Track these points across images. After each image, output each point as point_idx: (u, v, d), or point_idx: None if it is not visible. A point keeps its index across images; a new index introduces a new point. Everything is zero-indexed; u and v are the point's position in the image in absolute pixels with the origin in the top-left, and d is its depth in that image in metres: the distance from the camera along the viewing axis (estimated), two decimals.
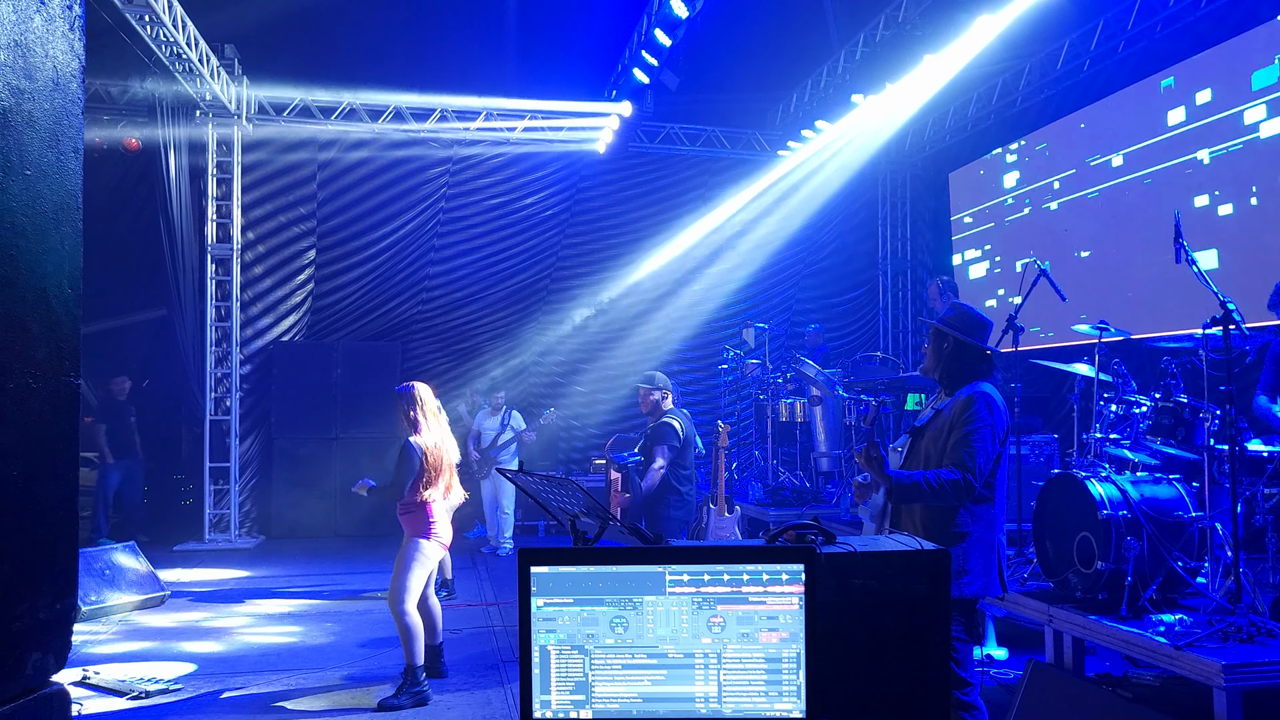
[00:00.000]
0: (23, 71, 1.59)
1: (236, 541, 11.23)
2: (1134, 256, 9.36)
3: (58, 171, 1.69)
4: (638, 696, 1.93)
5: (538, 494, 3.43)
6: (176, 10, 9.24)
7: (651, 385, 6.57)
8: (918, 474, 3.61)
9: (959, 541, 3.61)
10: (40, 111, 1.64)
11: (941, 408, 3.87)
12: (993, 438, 3.65)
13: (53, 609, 1.68)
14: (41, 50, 1.64)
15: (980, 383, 3.83)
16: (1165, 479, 5.13)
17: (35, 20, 1.62)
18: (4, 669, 1.55)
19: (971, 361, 3.90)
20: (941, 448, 3.72)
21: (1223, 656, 4.00)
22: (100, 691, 5.71)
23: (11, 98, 1.56)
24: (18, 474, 1.57)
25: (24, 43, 1.59)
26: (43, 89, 1.65)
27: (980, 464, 3.58)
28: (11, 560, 1.56)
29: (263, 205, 11.84)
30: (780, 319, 13.40)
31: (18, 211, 1.57)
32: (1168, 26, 9.12)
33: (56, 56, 1.69)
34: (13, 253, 1.56)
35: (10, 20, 1.55)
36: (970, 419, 3.66)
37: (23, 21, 1.59)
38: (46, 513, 1.66)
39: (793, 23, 11.88)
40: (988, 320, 3.99)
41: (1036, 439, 7.60)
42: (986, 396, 3.73)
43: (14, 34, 1.57)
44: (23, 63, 1.59)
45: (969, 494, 3.59)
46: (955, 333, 3.91)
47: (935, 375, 4.03)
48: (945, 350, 3.95)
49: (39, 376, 1.63)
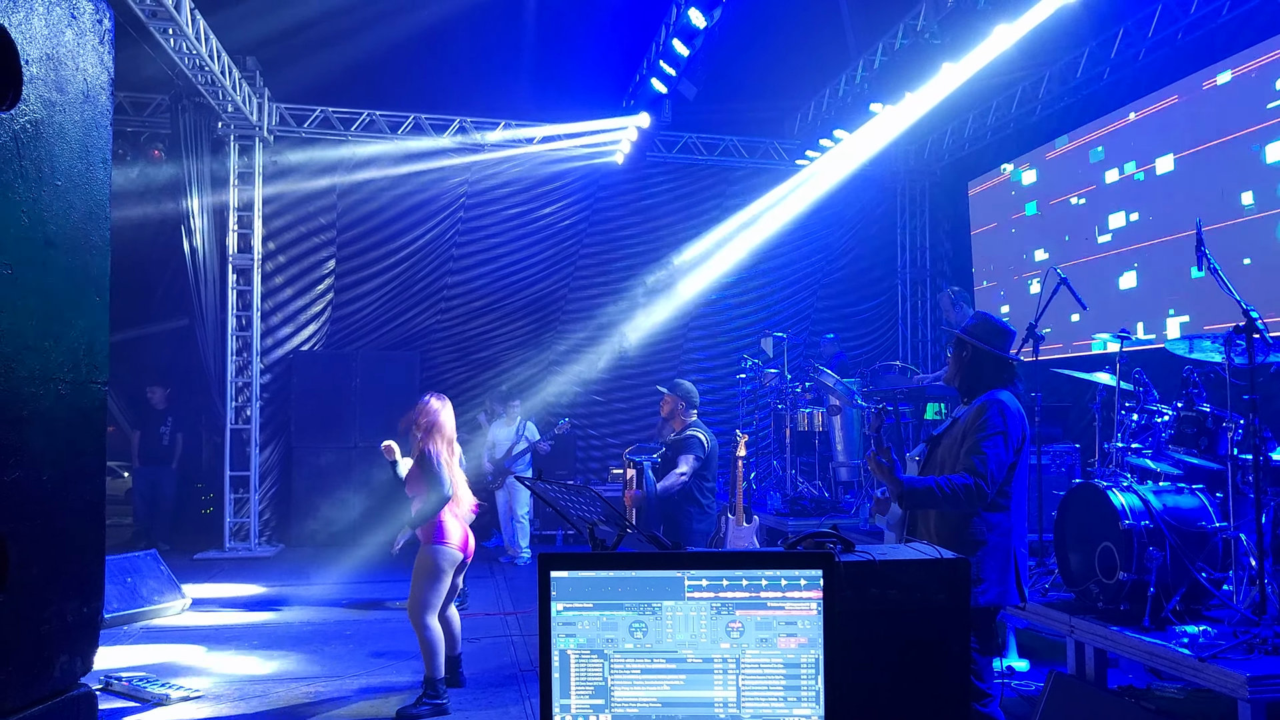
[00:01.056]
0: (54, 84, 1.62)
1: (256, 550, 11.29)
2: (1165, 262, 9.31)
3: (87, 182, 1.72)
4: (657, 701, 1.93)
5: (556, 502, 3.44)
6: (200, 23, 9.35)
7: (676, 393, 6.46)
8: (929, 479, 3.60)
9: (974, 550, 3.59)
10: (71, 123, 1.67)
11: (958, 415, 3.87)
12: (1005, 444, 3.62)
13: (80, 612, 1.70)
14: (73, 64, 1.67)
15: (998, 390, 3.81)
16: (1188, 489, 5.09)
17: (67, 35, 1.65)
18: (33, 671, 1.57)
19: (991, 370, 3.89)
20: (956, 454, 3.71)
21: (1248, 668, 3.96)
22: (121, 698, 5.76)
23: (44, 110, 1.59)
24: (47, 479, 1.60)
25: (56, 56, 1.62)
26: (73, 101, 1.68)
27: (992, 469, 3.56)
28: (40, 564, 1.58)
29: (283, 215, 11.94)
30: (799, 328, 13.38)
31: (49, 221, 1.60)
32: (1189, 34, 9.08)
33: (87, 70, 1.72)
34: (44, 261, 1.59)
35: (43, 35, 1.58)
36: (983, 425, 3.65)
37: (55, 36, 1.62)
38: (75, 518, 1.68)
39: (811, 32, 11.88)
40: (1009, 329, 3.97)
41: (1057, 448, 7.55)
42: (1000, 403, 3.71)
43: (46, 48, 1.60)
44: (55, 76, 1.62)
45: (981, 500, 3.57)
46: (974, 341, 3.91)
47: (955, 384, 4.03)
48: (965, 359, 3.95)
49: (68, 383, 1.66)
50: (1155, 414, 5.62)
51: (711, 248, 13.14)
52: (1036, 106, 11.36)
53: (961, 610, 2.58)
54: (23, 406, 1.57)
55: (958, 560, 2.61)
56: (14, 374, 1.54)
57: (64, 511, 1.69)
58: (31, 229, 1.58)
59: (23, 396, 1.57)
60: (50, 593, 1.66)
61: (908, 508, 3.71)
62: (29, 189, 1.58)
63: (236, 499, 11.52)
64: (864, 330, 14.22)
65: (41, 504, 1.63)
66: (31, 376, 1.59)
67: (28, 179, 1.58)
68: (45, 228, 1.62)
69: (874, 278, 14.37)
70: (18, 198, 1.55)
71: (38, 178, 1.59)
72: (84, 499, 1.75)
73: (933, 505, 3.62)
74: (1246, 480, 4.87)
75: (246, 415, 11.64)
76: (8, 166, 1.52)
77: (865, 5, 11.43)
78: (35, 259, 1.60)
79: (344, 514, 11.61)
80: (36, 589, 1.62)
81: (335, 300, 12.25)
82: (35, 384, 1.60)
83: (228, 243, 11.57)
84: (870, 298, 14.32)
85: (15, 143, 1.54)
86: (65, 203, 1.69)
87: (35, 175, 1.59)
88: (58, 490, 1.67)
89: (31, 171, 1.58)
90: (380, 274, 12.23)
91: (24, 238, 1.57)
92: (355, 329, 12.36)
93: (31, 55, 1.58)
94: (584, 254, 13.04)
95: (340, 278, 12.21)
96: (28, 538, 1.59)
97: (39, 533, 1.62)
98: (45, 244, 1.62)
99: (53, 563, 1.66)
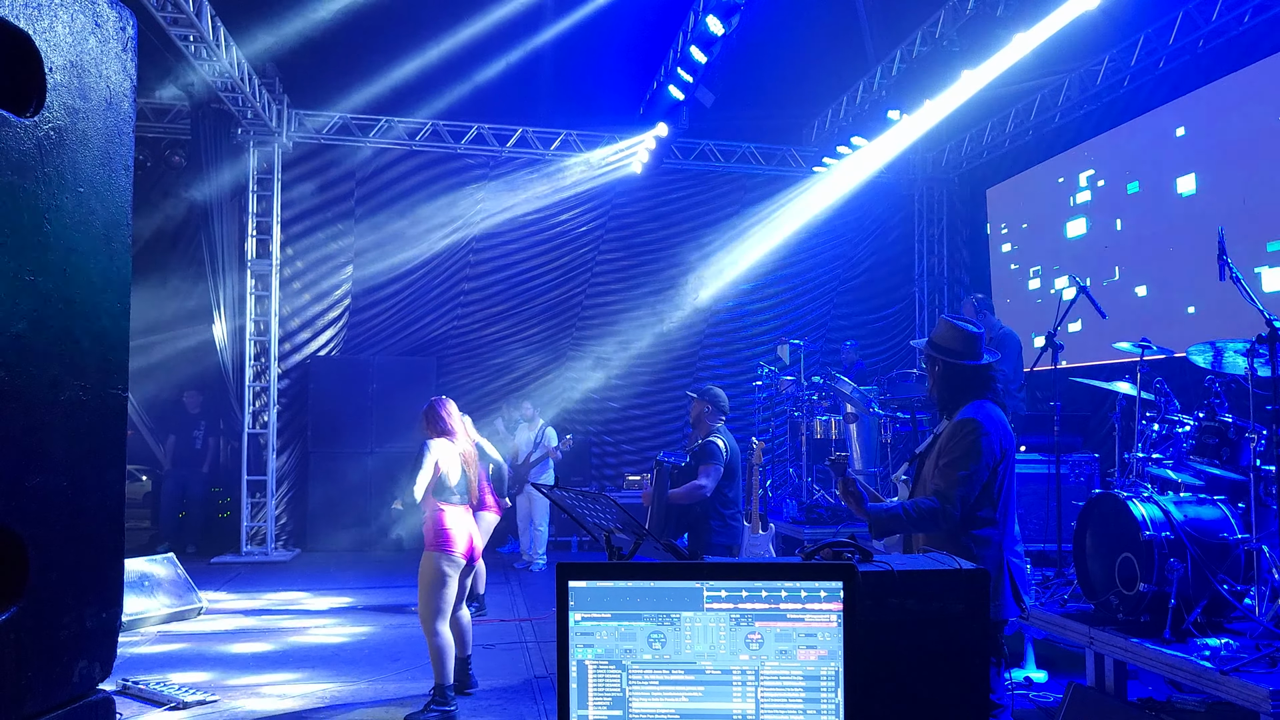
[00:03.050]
0: (78, 91, 1.63)
1: (272, 554, 11.33)
2: (1181, 275, 9.24)
3: (109, 189, 1.73)
4: (675, 713, 1.92)
5: (573, 509, 3.44)
6: (220, 30, 9.43)
7: (705, 399, 6.31)
8: (896, 505, 3.56)
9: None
10: (93, 130, 1.68)
11: (938, 432, 3.80)
12: (978, 463, 3.52)
13: (99, 617, 1.70)
14: (96, 70, 1.68)
15: (977, 404, 3.68)
16: (1210, 500, 5.03)
17: (90, 41, 1.66)
18: (51, 677, 1.58)
19: (963, 380, 3.75)
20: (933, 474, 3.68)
21: (1271, 682, 3.91)
22: (138, 701, 5.78)
23: (67, 116, 1.60)
24: (66, 484, 1.60)
25: (80, 63, 1.63)
26: (96, 108, 1.69)
27: (960, 492, 3.49)
28: (59, 569, 1.58)
29: (301, 221, 12.01)
30: (815, 335, 13.34)
31: (71, 228, 1.61)
32: (1210, 41, 9.02)
33: (110, 76, 1.73)
34: (65, 268, 1.59)
35: (67, 41, 1.59)
36: (955, 447, 3.58)
37: (79, 43, 1.63)
38: (94, 523, 1.68)
39: (829, 39, 11.87)
40: (976, 331, 3.79)
41: (1077, 458, 7.48)
42: (975, 421, 3.59)
43: (70, 55, 1.60)
44: (78, 83, 1.63)
45: (949, 521, 3.50)
46: (941, 355, 3.79)
47: (935, 398, 3.92)
48: (937, 373, 3.83)
49: (88, 389, 1.66)
50: (1176, 424, 5.57)
51: (729, 254, 13.13)
52: (1056, 114, 11.30)
53: (980, 621, 2.56)
54: (44, 412, 1.57)
55: (976, 571, 2.59)
56: (35, 380, 1.54)
57: (84, 517, 1.70)
58: (54, 236, 1.59)
59: (44, 402, 1.57)
60: (69, 598, 1.66)
61: (876, 535, 3.65)
62: (52, 196, 1.59)
63: (253, 503, 11.57)
64: (881, 338, 14.16)
65: (61, 509, 1.63)
66: (52, 383, 1.59)
67: (50, 186, 1.58)
68: (68, 234, 1.63)
69: (891, 285, 14.32)
70: (40, 204, 1.56)
71: (60, 184, 1.60)
72: (104, 505, 1.75)
73: (901, 530, 3.59)
74: (1269, 491, 4.82)
75: (264, 420, 11.69)
76: (31, 173, 1.53)
77: (884, 12, 11.41)
78: (57, 266, 1.60)
79: (360, 519, 11.65)
80: (56, 594, 1.62)
81: (352, 306, 12.30)
82: (56, 390, 1.60)
83: (246, 248, 11.64)
84: (887, 305, 14.27)
85: (39, 149, 1.55)
86: (87, 209, 1.69)
87: (58, 182, 1.60)
88: (78, 495, 1.68)
89: (54, 178, 1.59)
90: (397, 279, 12.27)
91: (46, 245, 1.57)
92: (372, 334, 12.41)
93: (55, 63, 1.59)
94: (601, 260, 13.05)
95: (357, 283, 12.26)
96: (48, 543, 1.59)
97: (59, 538, 1.62)
98: (67, 251, 1.62)
99: (72, 568, 1.66)
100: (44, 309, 1.53)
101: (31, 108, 1.53)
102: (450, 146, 12.14)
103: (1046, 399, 6.31)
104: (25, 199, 1.49)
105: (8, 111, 1.47)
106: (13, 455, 1.46)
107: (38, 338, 1.52)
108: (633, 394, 13.12)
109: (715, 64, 9.51)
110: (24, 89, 1.53)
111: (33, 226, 1.51)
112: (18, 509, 1.47)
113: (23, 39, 1.50)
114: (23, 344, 1.48)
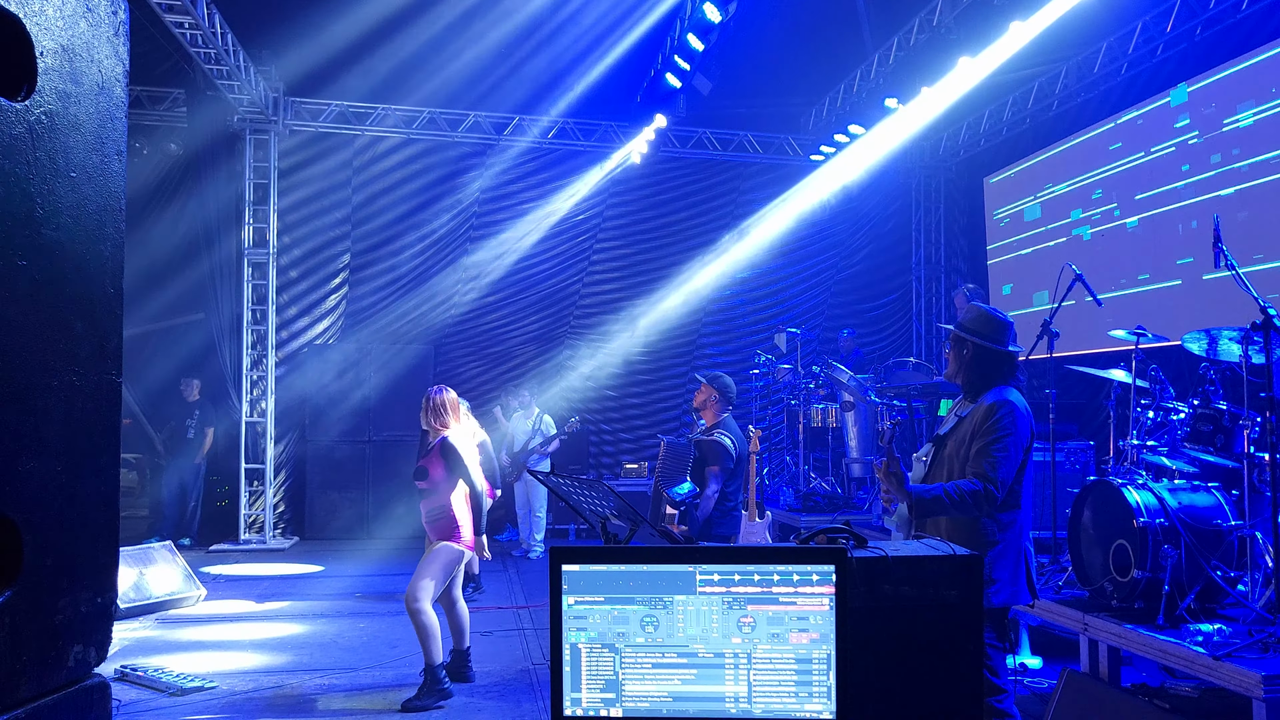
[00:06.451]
0: (69, 76, 1.62)
1: (271, 543, 11.35)
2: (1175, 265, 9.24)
3: (102, 174, 1.73)
4: (668, 695, 1.93)
5: (569, 496, 3.45)
6: (216, 17, 9.38)
7: (714, 386, 6.07)
8: (938, 487, 3.55)
9: (986, 551, 3.56)
10: (85, 115, 1.67)
11: (964, 415, 3.81)
12: (1015, 447, 3.57)
13: (94, 602, 1.71)
14: (87, 55, 1.68)
15: (1004, 388, 3.75)
16: (1204, 487, 5.05)
17: (81, 25, 1.66)
18: (46, 661, 1.58)
19: (993, 365, 3.81)
20: (964, 456, 3.67)
21: (1263, 667, 3.94)
22: (136, 687, 5.80)
23: (58, 102, 1.59)
24: (61, 469, 1.60)
25: (71, 47, 1.63)
26: (88, 93, 1.68)
27: (1002, 475, 3.52)
28: (54, 554, 1.59)
29: (298, 210, 11.98)
30: (812, 324, 13.34)
31: (63, 213, 1.61)
32: (1208, 29, 8.99)
33: (101, 61, 1.72)
34: (58, 253, 1.59)
35: (58, 26, 1.59)
36: (992, 428, 3.59)
37: (70, 27, 1.62)
38: (88, 508, 1.69)
39: (826, 27, 11.82)
40: (1007, 321, 3.89)
41: (1072, 445, 7.51)
42: (1010, 404, 3.65)
43: (61, 39, 1.60)
44: (69, 67, 1.62)
45: (991, 505, 3.53)
46: (973, 338, 3.84)
47: (958, 381, 3.96)
48: (965, 356, 3.87)
49: (82, 374, 1.66)
50: (1171, 411, 5.59)
51: (725, 243, 13.13)
52: (1053, 102, 11.28)
53: (974, 606, 2.57)
54: (37, 397, 1.57)
55: (970, 556, 2.59)
56: (29, 365, 1.54)
57: (78, 502, 1.70)
58: (46, 221, 1.59)
59: (37, 387, 1.57)
60: (64, 582, 1.66)
61: (918, 516, 3.66)
62: (43, 181, 1.58)
63: (251, 492, 11.58)
64: (878, 326, 14.17)
65: (55, 494, 1.63)
66: (46, 368, 1.60)
67: (42, 171, 1.58)
68: (60, 220, 1.63)
69: (888, 274, 14.31)
70: (32, 190, 1.55)
71: (52, 170, 1.60)
72: (98, 490, 1.76)
73: (943, 513, 3.59)
74: (1263, 478, 4.84)
75: (261, 408, 11.69)
76: (22, 158, 1.53)
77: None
78: (49, 251, 1.60)
79: (358, 507, 11.68)
80: (50, 579, 1.63)
81: (350, 294, 12.30)
82: (50, 375, 1.60)
83: (243, 236, 11.62)
84: (885, 294, 14.27)
85: (30, 134, 1.54)
86: (80, 195, 1.69)
87: (50, 167, 1.60)
88: (72, 480, 1.68)
89: (46, 163, 1.59)
90: (395, 268, 12.27)
91: (38, 230, 1.57)
92: (369, 323, 12.40)
93: (46, 46, 1.58)
94: (598, 249, 13.05)
95: (354, 271, 12.26)
96: (42, 527, 1.60)
97: (53, 522, 1.63)
98: (59, 237, 1.62)
99: (67, 553, 1.66)
100: (36, 294, 1.53)
101: (23, 92, 1.52)
102: (447, 134, 12.11)
103: (1042, 387, 6.32)
104: (16, 184, 1.49)
105: None
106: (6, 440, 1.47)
107: (29, 323, 1.52)
108: (630, 382, 13.13)
109: (712, 52, 9.49)
110: (15, 73, 1.53)
111: (24, 211, 1.51)
112: (11, 493, 1.47)
113: (13, 22, 1.50)
114: (15, 329, 1.48)
